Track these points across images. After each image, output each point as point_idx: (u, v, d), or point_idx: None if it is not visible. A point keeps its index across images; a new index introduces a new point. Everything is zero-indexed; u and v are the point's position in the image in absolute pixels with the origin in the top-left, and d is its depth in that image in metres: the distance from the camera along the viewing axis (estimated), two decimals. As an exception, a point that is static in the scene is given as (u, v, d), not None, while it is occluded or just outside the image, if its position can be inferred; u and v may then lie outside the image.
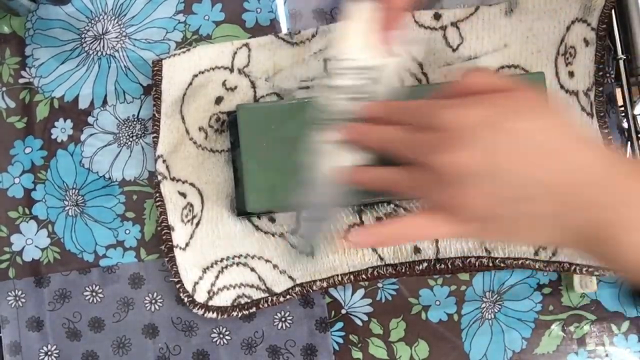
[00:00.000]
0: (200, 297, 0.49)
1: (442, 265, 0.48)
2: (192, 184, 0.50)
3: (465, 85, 0.35)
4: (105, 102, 0.53)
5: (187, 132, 0.51)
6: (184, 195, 0.50)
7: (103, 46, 0.53)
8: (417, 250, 0.48)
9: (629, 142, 0.48)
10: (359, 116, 0.39)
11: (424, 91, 0.46)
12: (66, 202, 0.53)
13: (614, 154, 0.32)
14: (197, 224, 0.50)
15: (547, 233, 0.33)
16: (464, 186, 0.32)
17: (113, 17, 0.53)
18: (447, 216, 0.34)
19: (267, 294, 0.49)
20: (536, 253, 0.48)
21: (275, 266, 0.49)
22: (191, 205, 0.50)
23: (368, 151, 0.39)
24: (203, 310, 0.49)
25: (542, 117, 0.32)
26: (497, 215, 0.33)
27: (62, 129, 0.53)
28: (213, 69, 0.51)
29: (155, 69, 0.51)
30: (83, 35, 0.54)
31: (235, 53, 0.51)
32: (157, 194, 0.50)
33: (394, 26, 0.39)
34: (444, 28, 0.50)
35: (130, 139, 0.53)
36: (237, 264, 0.50)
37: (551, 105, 0.34)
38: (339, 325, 0.50)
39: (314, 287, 0.49)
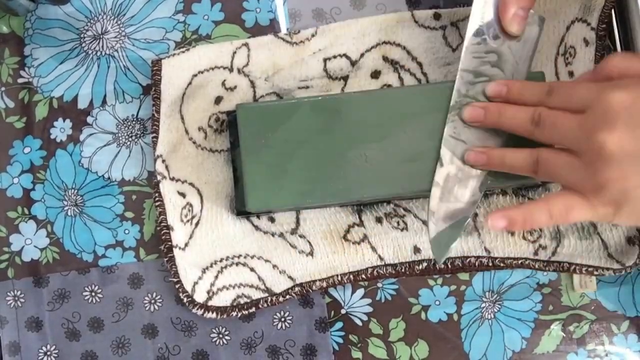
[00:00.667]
0: (200, 297, 0.49)
1: (442, 265, 0.48)
2: (191, 184, 0.50)
3: (609, 68, 0.36)
4: (104, 102, 0.53)
5: (187, 132, 0.51)
6: (183, 195, 0.50)
7: (102, 46, 0.53)
8: (416, 250, 0.48)
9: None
10: (494, 97, 0.40)
11: (423, 91, 0.46)
12: (65, 202, 0.52)
13: None
14: (197, 224, 0.50)
15: None
16: (619, 166, 0.33)
17: (112, 17, 0.53)
18: (588, 198, 0.34)
19: (266, 294, 0.49)
20: (536, 253, 0.48)
21: (274, 266, 0.49)
22: (190, 205, 0.50)
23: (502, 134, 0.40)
24: (202, 310, 0.49)
25: None
26: None
27: (61, 129, 0.53)
28: (212, 68, 0.51)
29: (155, 68, 0.51)
30: (82, 35, 0.54)
31: (234, 53, 0.51)
32: (157, 194, 0.50)
33: (517, 7, 0.40)
34: (443, 28, 0.50)
35: (130, 139, 0.53)
36: (237, 264, 0.49)
37: None
38: (339, 325, 0.50)
39: (314, 287, 0.49)
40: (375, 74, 0.51)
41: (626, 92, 0.33)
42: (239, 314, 0.49)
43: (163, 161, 0.50)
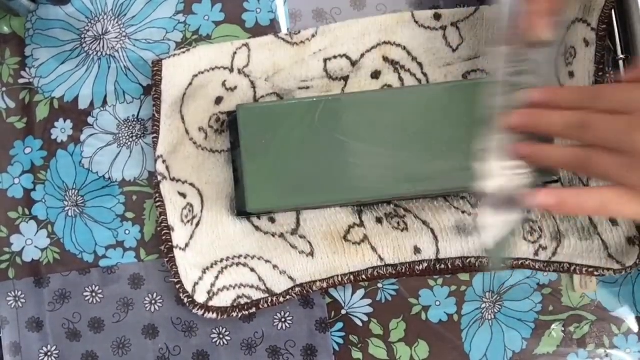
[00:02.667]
0: (200, 297, 0.49)
1: (442, 266, 0.48)
2: (192, 185, 0.50)
3: None
4: (105, 102, 0.53)
5: (187, 132, 0.51)
6: (183, 195, 0.50)
7: (103, 46, 0.53)
8: (417, 250, 0.48)
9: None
10: (537, 103, 0.39)
11: (424, 92, 0.46)
12: (66, 203, 0.52)
13: None
14: (197, 224, 0.50)
15: None
16: None
17: (113, 18, 0.53)
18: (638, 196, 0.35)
19: (267, 295, 0.49)
20: (536, 253, 0.48)
21: (275, 267, 0.49)
22: (191, 206, 0.50)
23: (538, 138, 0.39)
24: (203, 310, 0.49)
25: None
26: None
27: (62, 129, 0.53)
28: (213, 69, 0.51)
29: (155, 69, 0.51)
30: (83, 36, 0.54)
31: (235, 53, 0.51)
32: (157, 195, 0.50)
33: (545, 14, 0.40)
34: (444, 28, 0.50)
35: (130, 140, 0.53)
36: (237, 265, 0.49)
37: None
38: (339, 325, 0.50)
39: (314, 288, 0.49)
40: (376, 75, 0.51)
41: None
42: (240, 315, 0.49)
43: (164, 162, 0.50)
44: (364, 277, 0.49)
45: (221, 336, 0.50)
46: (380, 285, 0.50)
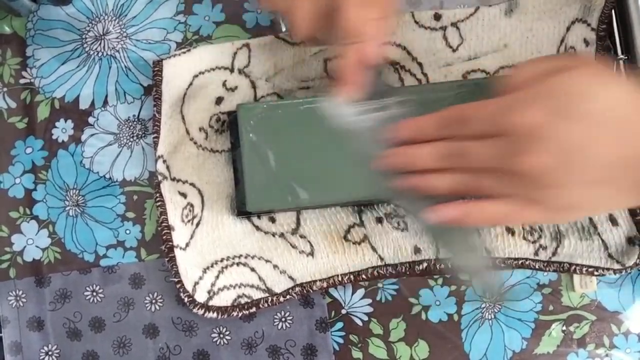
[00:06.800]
0: (201, 297, 0.49)
1: (442, 265, 0.48)
2: (192, 184, 0.50)
3: (516, 81, 0.35)
4: (106, 102, 0.53)
5: (188, 132, 0.51)
6: (184, 195, 0.50)
7: (104, 47, 0.53)
8: (417, 250, 0.48)
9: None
10: (400, 140, 0.39)
11: (424, 91, 0.46)
12: (67, 202, 0.53)
13: None
14: (198, 224, 0.50)
15: (629, 200, 0.35)
16: (554, 184, 0.33)
17: (114, 18, 0.54)
18: (535, 207, 0.35)
19: (267, 294, 0.49)
20: (536, 253, 0.48)
21: (275, 266, 0.49)
22: (191, 206, 0.50)
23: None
24: (203, 310, 0.49)
25: (605, 92, 0.32)
26: (587, 199, 0.34)
27: (62, 129, 0.53)
28: (213, 69, 0.51)
29: (156, 69, 0.51)
30: (84, 36, 0.54)
31: (235, 53, 0.51)
32: (158, 194, 0.50)
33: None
34: (444, 28, 0.50)
35: (131, 139, 0.53)
36: (237, 264, 0.50)
37: (609, 76, 0.34)
38: (339, 325, 0.50)
39: (314, 287, 0.49)
40: (376, 75, 0.51)
41: (541, 103, 0.33)
42: (240, 314, 0.49)
43: (164, 161, 0.50)
44: (364, 276, 0.49)
45: (221, 335, 0.51)
46: (380, 285, 0.50)
